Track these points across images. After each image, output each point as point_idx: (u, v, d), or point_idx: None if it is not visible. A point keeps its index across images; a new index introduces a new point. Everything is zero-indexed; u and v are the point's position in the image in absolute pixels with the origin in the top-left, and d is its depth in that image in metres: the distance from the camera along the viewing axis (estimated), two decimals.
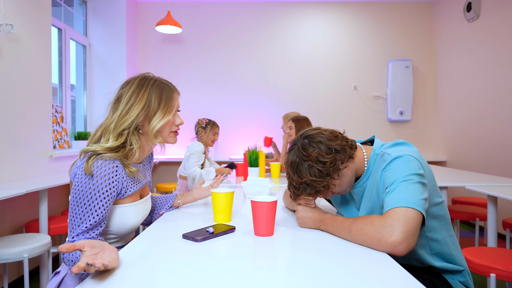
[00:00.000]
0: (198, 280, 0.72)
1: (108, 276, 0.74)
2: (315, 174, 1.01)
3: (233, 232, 1.07)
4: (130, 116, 1.03)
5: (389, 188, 0.96)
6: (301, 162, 1.03)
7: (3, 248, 1.84)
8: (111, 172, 0.98)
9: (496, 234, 2.03)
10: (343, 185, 1.08)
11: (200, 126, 2.85)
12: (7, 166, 2.35)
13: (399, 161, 0.98)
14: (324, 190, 1.04)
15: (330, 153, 1.03)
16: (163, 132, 1.11)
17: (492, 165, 3.57)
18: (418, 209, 0.90)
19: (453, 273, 1.12)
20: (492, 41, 3.59)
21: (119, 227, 1.06)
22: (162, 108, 1.08)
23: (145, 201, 1.17)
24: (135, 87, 1.06)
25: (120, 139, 1.02)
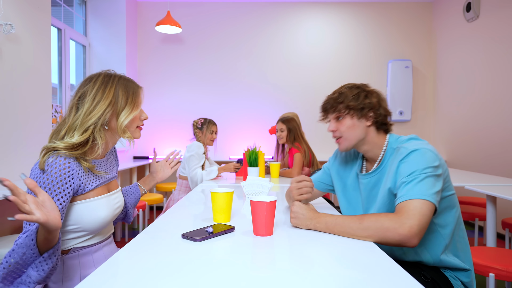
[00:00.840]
0: (197, 280, 0.72)
1: (107, 276, 0.74)
2: (359, 97, 1.15)
3: (233, 232, 1.07)
4: (97, 112, 1.04)
5: (406, 179, 1.00)
6: (357, 87, 1.18)
7: (3, 248, 1.84)
8: (63, 169, 0.97)
9: (495, 234, 2.03)
10: (350, 132, 1.15)
11: (196, 127, 2.81)
12: (7, 166, 2.35)
13: (416, 154, 1.03)
14: (342, 111, 1.15)
15: (379, 104, 1.16)
16: (130, 127, 1.13)
17: (492, 165, 3.57)
18: (433, 202, 0.96)
19: (459, 271, 1.13)
20: (492, 41, 3.59)
21: (89, 222, 1.05)
22: (129, 103, 1.09)
23: (114, 195, 1.16)
24: (100, 84, 1.07)
25: (85, 135, 1.02)
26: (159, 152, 4.77)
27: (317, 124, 4.70)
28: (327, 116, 1.22)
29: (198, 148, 2.65)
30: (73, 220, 1.04)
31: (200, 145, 2.69)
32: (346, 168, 1.32)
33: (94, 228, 1.08)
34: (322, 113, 1.24)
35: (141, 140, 4.76)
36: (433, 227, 1.10)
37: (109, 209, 1.12)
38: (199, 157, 2.63)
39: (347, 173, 1.30)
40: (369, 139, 1.17)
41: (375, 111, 1.15)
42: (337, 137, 1.20)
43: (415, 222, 0.92)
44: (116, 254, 0.86)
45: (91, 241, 1.11)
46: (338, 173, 1.34)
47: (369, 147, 1.17)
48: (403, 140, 1.14)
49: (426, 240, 1.10)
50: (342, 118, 1.17)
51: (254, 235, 1.04)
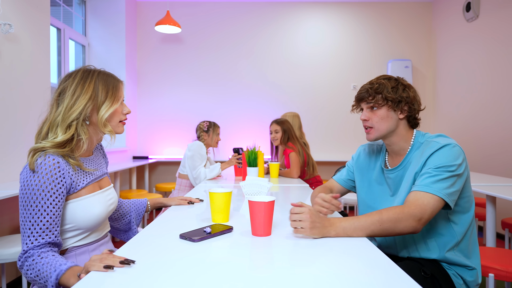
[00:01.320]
0: (195, 280, 0.72)
1: (105, 277, 0.74)
2: (397, 89, 1.16)
3: (231, 232, 1.07)
4: (77, 107, 1.03)
5: (431, 171, 1.05)
6: (395, 79, 1.19)
7: (2, 248, 1.83)
8: (54, 169, 0.97)
9: (495, 234, 2.03)
10: (382, 123, 1.16)
11: (202, 130, 2.82)
12: (6, 166, 2.35)
13: (447, 149, 1.07)
14: (379, 102, 1.15)
15: (415, 99, 1.18)
16: (112, 121, 1.12)
17: (491, 165, 3.57)
18: (446, 200, 1.03)
19: (463, 267, 1.13)
20: (491, 41, 3.59)
21: (83, 220, 1.05)
22: (109, 97, 1.08)
23: (106, 191, 1.16)
24: (80, 79, 1.06)
25: (69, 132, 1.02)
26: (159, 152, 4.76)
27: (317, 124, 4.69)
28: (360, 105, 1.22)
29: (200, 148, 2.65)
30: (68, 219, 1.04)
31: (201, 145, 2.69)
32: (370, 164, 1.33)
33: (90, 225, 1.08)
34: (356, 101, 1.23)
35: (141, 140, 4.76)
36: (448, 223, 1.13)
37: (103, 206, 1.12)
38: (201, 157, 2.63)
39: (371, 169, 1.32)
40: (399, 131, 1.19)
41: (410, 105, 1.17)
42: (368, 127, 1.20)
43: (426, 216, 1.01)
44: (115, 253, 0.86)
45: (88, 239, 1.10)
46: (361, 170, 1.35)
47: (396, 140, 1.19)
48: (432, 136, 1.17)
49: (438, 234, 1.13)
50: (377, 108, 1.17)
51: (252, 235, 1.03)
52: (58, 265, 0.88)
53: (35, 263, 0.91)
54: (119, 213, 1.36)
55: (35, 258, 0.92)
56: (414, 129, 1.22)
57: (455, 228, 1.13)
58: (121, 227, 1.37)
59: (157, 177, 4.82)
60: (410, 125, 1.21)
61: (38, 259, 0.91)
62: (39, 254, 0.93)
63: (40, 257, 0.92)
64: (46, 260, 0.91)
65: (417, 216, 1.00)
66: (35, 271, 0.90)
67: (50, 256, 0.92)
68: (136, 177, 4.63)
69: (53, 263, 0.89)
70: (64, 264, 0.88)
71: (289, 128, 2.85)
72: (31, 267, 0.91)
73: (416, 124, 1.21)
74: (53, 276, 0.86)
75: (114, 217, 1.36)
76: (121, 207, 1.38)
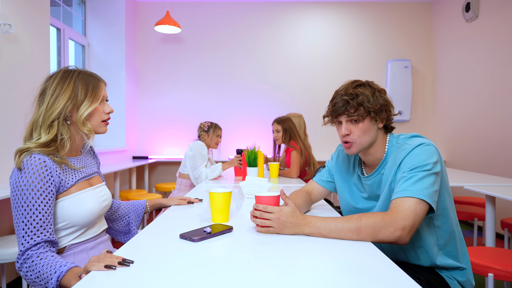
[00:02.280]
0: (195, 280, 0.72)
1: (105, 276, 0.74)
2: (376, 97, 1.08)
3: (231, 232, 1.07)
4: (57, 106, 1.04)
5: (406, 174, 1.00)
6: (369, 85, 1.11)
7: (1, 248, 1.83)
8: (40, 168, 0.98)
9: (494, 234, 2.03)
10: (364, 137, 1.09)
11: (203, 130, 2.83)
12: (6, 166, 2.35)
13: (419, 149, 1.02)
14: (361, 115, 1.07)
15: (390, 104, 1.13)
16: (93, 121, 1.11)
17: (491, 165, 3.58)
18: (429, 202, 0.96)
19: (454, 270, 1.12)
20: (491, 41, 3.59)
21: (77, 216, 1.06)
22: (89, 96, 1.08)
23: (98, 188, 1.17)
24: (59, 79, 1.07)
25: (52, 132, 1.03)
26: (158, 152, 4.77)
27: (316, 124, 4.70)
28: (337, 118, 1.12)
29: (201, 148, 2.65)
30: (60, 217, 1.04)
31: (203, 145, 2.69)
32: (349, 169, 1.27)
33: (84, 221, 1.08)
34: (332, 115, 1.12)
35: (140, 140, 4.76)
36: (431, 229, 1.09)
37: (96, 202, 1.12)
38: (203, 157, 2.63)
39: (350, 174, 1.27)
40: (377, 141, 1.13)
41: (387, 112, 1.11)
42: (349, 141, 1.11)
43: (409, 222, 0.94)
44: (114, 254, 0.86)
45: (84, 236, 1.11)
46: (341, 173, 1.29)
47: (373, 150, 1.13)
48: (406, 137, 1.12)
49: (424, 240, 1.09)
50: (359, 121, 1.09)
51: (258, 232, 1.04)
52: (58, 266, 0.88)
53: (35, 265, 0.91)
54: (117, 215, 1.37)
55: (34, 259, 0.92)
56: (388, 133, 1.17)
57: (439, 232, 1.09)
58: (120, 228, 1.37)
59: (156, 177, 4.82)
60: (385, 131, 1.16)
61: (38, 260, 0.91)
62: (38, 255, 0.93)
63: (39, 258, 0.92)
64: (46, 261, 0.91)
65: (399, 224, 0.93)
66: (35, 273, 0.90)
67: (50, 257, 0.92)
68: (136, 177, 4.63)
69: (53, 264, 0.89)
70: (64, 265, 0.88)
71: (291, 126, 2.84)
72: (31, 269, 0.91)
73: (391, 129, 1.16)
74: (54, 278, 0.86)
75: (113, 218, 1.36)
76: (119, 208, 1.38)
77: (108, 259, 0.79)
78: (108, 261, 0.78)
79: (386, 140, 1.15)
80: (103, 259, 0.79)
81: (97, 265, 0.78)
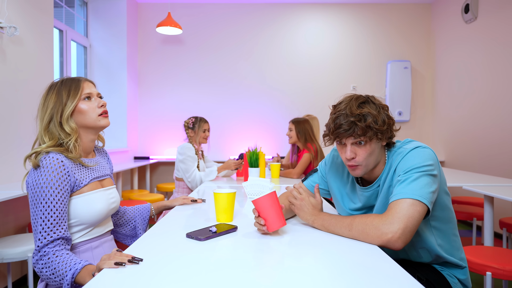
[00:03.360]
0: (203, 277, 0.75)
1: (116, 274, 0.77)
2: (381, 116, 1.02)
3: (235, 232, 1.10)
4: (47, 113, 1.11)
5: (401, 177, 0.98)
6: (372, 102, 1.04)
7: (7, 247, 1.86)
8: (59, 167, 1.03)
9: (492, 234, 2.06)
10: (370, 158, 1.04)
11: (188, 127, 2.76)
12: (11, 167, 2.37)
13: (414, 152, 1.01)
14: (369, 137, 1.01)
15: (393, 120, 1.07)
16: (88, 118, 1.15)
17: (489, 165, 3.61)
18: (424, 202, 0.93)
19: (454, 267, 1.13)
20: (490, 42, 3.62)
21: (86, 214, 1.10)
22: (71, 96, 1.13)
23: (108, 190, 1.20)
24: (45, 93, 1.15)
25: (54, 137, 1.09)
26: (159, 152, 4.79)
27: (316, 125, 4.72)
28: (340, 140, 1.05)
29: (189, 150, 2.59)
30: (71, 214, 1.08)
31: (189, 146, 2.62)
32: (343, 177, 1.23)
33: (92, 220, 1.12)
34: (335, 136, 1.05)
35: (142, 140, 4.78)
36: (428, 227, 1.10)
37: (105, 203, 1.16)
38: (192, 159, 2.58)
39: (344, 183, 1.23)
40: (380, 159, 1.08)
41: (391, 129, 1.05)
42: (354, 165, 1.05)
43: (400, 226, 0.90)
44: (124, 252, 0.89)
45: (90, 235, 1.14)
46: (335, 181, 1.25)
47: (377, 168, 1.09)
48: (401, 143, 1.11)
49: (423, 240, 1.11)
50: (365, 143, 1.02)
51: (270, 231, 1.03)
52: (73, 264, 0.91)
53: (51, 262, 0.94)
54: (124, 220, 1.40)
55: (50, 256, 0.96)
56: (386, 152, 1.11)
57: (436, 232, 1.10)
58: (127, 232, 1.40)
59: (158, 177, 4.84)
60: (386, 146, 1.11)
61: (53, 258, 0.95)
62: (54, 252, 0.96)
63: (55, 255, 0.96)
64: (61, 258, 0.94)
65: (388, 229, 0.90)
66: (51, 269, 0.94)
67: (65, 254, 0.96)
68: (138, 177, 4.65)
69: (68, 262, 0.93)
70: (78, 262, 0.91)
71: (306, 128, 2.80)
72: (46, 266, 0.95)
73: (392, 144, 1.11)
74: (69, 275, 0.90)
75: (120, 223, 1.39)
76: (126, 213, 1.41)
77: (118, 257, 0.82)
78: (118, 258, 0.81)
79: (385, 154, 1.11)
80: (113, 257, 0.82)
81: (108, 262, 0.81)
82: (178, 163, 2.65)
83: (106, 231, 1.21)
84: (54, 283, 0.94)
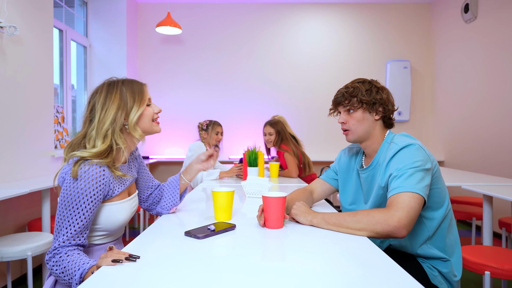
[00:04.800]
0: (200, 275, 0.75)
1: (114, 271, 0.78)
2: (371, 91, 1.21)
3: (234, 230, 1.10)
4: (108, 117, 1.08)
5: (396, 173, 1.07)
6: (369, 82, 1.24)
7: (7, 246, 1.87)
8: (98, 177, 1.02)
9: (491, 233, 2.06)
10: (359, 125, 1.21)
11: (202, 129, 2.86)
12: (10, 166, 2.38)
13: (406, 150, 1.10)
14: (355, 105, 1.20)
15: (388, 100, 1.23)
16: (146, 123, 1.15)
17: (489, 165, 3.61)
18: (421, 194, 1.02)
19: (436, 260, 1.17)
20: (489, 42, 3.63)
21: (109, 223, 1.11)
22: (137, 101, 1.12)
23: (132, 199, 1.21)
24: (106, 92, 1.11)
25: (106, 141, 1.06)
26: (158, 152, 4.80)
27: (316, 124, 4.73)
28: (337, 108, 1.28)
29: (199, 148, 2.68)
30: (95, 220, 1.09)
31: (201, 145, 2.71)
32: (349, 167, 1.37)
33: (113, 229, 1.14)
34: (333, 106, 1.29)
35: None
36: (420, 219, 1.15)
37: (128, 213, 1.17)
38: None
39: (350, 171, 1.36)
40: (374, 133, 1.23)
41: (384, 106, 1.22)
42: (345, 129, 1.25)
43: (404, 214, 0.99)
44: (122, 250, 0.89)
45: (107, 239, 1.16)
46: (343, 172, 1.39)
47: (371, 142, 1.24)
48: (395, 136, 1.22)
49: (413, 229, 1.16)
50: (354, 111, 1.22)
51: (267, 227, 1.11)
52: (82, 264, 0.92)
53: (62, 260, 0.96)
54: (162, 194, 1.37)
55: (62, 255, 0.97)
56: (388, 129, 1.27)
57: (427, 223, 1.15)
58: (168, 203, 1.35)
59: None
60: (385, 126, 1.26)
61: (65, 257, 0.96)
62: (66, 252, 0.98)
63: (66, 254, 0.97)
64: (72, 258, 0.95)
65: (394, 215, 0.99)
66: (61, 268, 0.95)
67: (76, 254, 0.97)
68: None
69: (77, 261, 0.94)
70: (87, 262, 0.93)
71: (283, 129, 2.84)
72: (57, 264, 0.96)
73: (391, 125, 1.26)
74: (77, 274, 0.91)
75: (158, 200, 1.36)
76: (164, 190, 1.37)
77: (115, 254, 0.83)
78: (115, 256, 0.82)
79: (385, 134, 1.25)
80: (111, 255, 0.83)
81: (105, 260, 0.82)
82: (186, 160, 2.71)
83: (118, 238, 1.23)
84: (64, 282, 0.95)
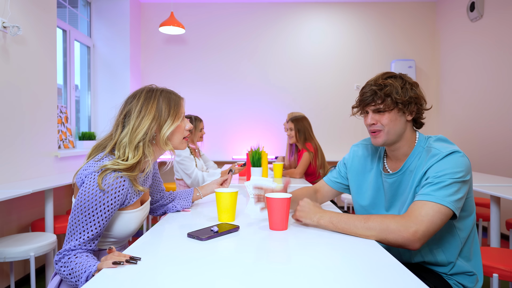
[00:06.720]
0: (204, 277, 0.74)
1: (115, 273, 0.76)
2: (406, 89, 1.06)
3: (237, 231, 1.09)
4: (142, 127, 1.06)
5: (432, 180, 0.97)
6: (400, 77, 1.09)
7: (10, 246, 1.86)
8: (119, 187, 1.01)
9: (499, 235, 2.03)
10: (392, 126, 1.07)
11: None
12: (14, 166, 2.38)
13: (450, 158, 1.00)
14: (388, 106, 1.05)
15: (422, 98, 1.10)
16: (175, 139, 1.15)
17: (495, 165, 3.56)
18: (451, 208, 0.94)
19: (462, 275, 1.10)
20: (496, 41, 3.58)
21: (120, 231, 1.10)
22: (171, 114, 1.11)
23: (144, 207, 1.19)
24: (143, 100, 1.09)
25: (138, 154, 1.04)
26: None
27: (320, 124, 4.70)
28: (365, 108, 1.10)
29: (183, 151, 2.64)
30: (108, 228, 1.08)
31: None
32: (366, 166, 1.25)
33: (123, 237, 1.13)
34: (360, 106, 1.11)
35: None
36: (453, 230, 1.07)
37: (138, 222, 1.15)
38: (189, 159, 2.65)
39: (367, 173, 1.23)
40: (405, 135, 1.10)
41: (418, 105, 1.08)
42: (376, 130, 1.09)
43: (422, 227, 0.91)
44: (124, 252, 0.88)
45: (116, 244, 1.15)
46: (356, 173, 1.27)
47: (402, 144, 1.11)
48: (434, 140, 1.09)
49: (444, 241, 1.07)
50: (386, 111, 1.07)
51: (270, 229, 1.08)
52: (88, 266, 0.91)
53: (70, 262, 0.95)
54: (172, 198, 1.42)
55: (70, 257, 0.96)
56: (417, 130, 1.15)
57: (460, 234, 1.07)
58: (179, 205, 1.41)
59: None
60: (415, 127, 1.14)
61: (73, 258, 0.95)
62: (75, 254, 0.97)
63: (75, 256, 0.96)
64: (79, 260, 0.94)
65: (411, 227, 0.91)
66: (68, 269, 0.94)
67: (84, 256, 0.96)
68: None
69: (84, 263, 0.93)
70: (93, 265, 0.92)
71: (305, 126, 2.78)
72: (65, 265, 0.95)
73: (421, 125, 1.14)
74: (84, 276, 0.90)
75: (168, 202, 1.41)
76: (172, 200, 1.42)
77: (116, 256, 0.82)
78: (116, 258, 0.81)
79: (416, 136, 1.12)
80: (111, 257, 0.82)
81: (106, 262, 0.81)
82: (176, 165, 2.71)
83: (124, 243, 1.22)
84: (70, 283, 0.95)
